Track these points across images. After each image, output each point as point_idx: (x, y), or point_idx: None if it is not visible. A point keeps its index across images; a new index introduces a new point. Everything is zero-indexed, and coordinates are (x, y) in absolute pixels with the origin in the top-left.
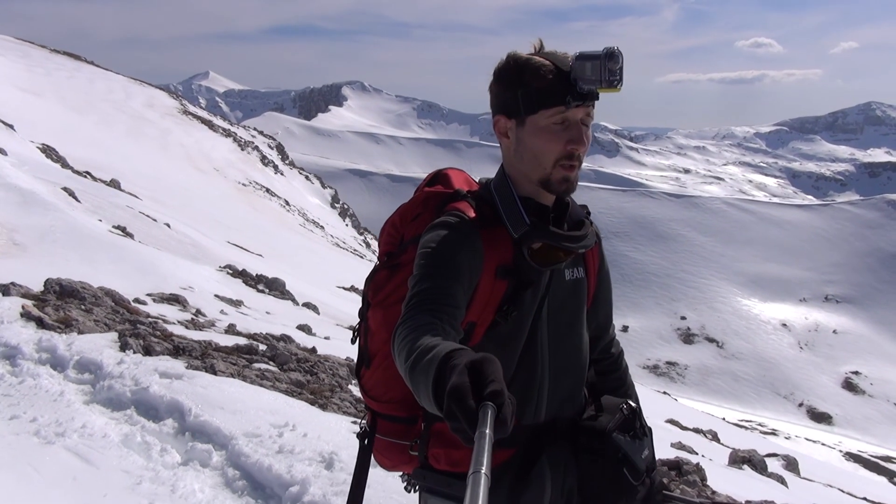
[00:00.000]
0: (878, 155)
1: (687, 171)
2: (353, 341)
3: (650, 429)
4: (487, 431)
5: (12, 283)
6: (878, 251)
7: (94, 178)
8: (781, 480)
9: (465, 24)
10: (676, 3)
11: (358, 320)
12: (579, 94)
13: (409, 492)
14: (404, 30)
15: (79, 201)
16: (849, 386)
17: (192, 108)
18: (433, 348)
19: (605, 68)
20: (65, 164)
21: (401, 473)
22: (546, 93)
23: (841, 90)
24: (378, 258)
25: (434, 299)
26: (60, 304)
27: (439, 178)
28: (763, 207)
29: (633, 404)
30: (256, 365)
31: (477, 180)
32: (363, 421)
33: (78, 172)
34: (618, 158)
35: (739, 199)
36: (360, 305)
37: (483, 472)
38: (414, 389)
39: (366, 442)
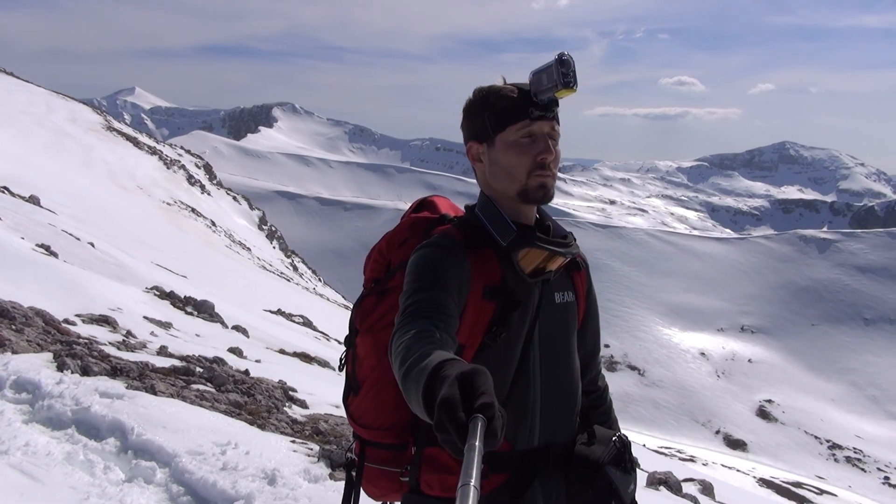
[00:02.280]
0: (791, 192)
1: (612, 203)
2: (340, 369)
3: (637, 463)
4: (477, 444)
5: None
6: (790, 284)
7: (13, 194)
8: (695, 501)
9: (400, 52)
10: (605, 38)
11: (345, 348)
12: (541, 105)
13: None
14: (339, 54)
15: None
16: (762, 414)
17: (116, 124)
18: (426, 357)
19: (559, 72)
20: None
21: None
22: (510, 109)
23: (758, 129)
24: (364, 285)
25: (429, 307)
26: None
27: (425, 204)
28: (684, 239)
29: (624, 438)
30: (194, 386)
31: (463, 206)
32: (349, 452)
33: None
34: None
35: (662, 230)
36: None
37: (472, 484)
38: (406, 397)
39: (353, 473)
